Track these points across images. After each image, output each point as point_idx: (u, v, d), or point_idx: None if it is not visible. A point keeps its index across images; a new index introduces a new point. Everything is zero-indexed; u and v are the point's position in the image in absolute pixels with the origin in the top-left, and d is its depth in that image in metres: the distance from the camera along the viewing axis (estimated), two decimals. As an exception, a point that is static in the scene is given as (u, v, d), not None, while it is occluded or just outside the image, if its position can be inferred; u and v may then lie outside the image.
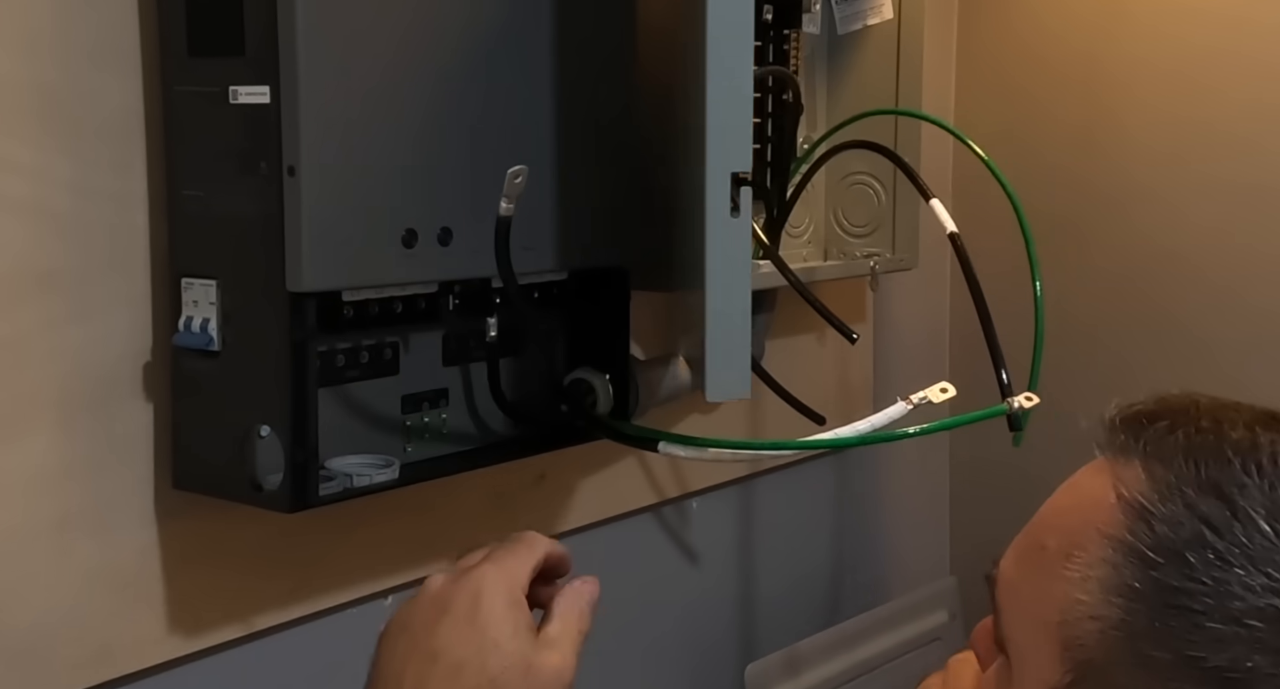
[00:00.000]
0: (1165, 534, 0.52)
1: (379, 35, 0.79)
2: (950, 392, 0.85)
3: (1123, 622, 0.53)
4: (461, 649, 0.64)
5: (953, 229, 0.96)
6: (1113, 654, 0.53)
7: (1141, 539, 0.53)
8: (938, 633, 1.51)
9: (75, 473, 0.80)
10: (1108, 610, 0.53)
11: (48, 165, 0.78)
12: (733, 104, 0.77)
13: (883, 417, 0.84)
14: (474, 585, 0.65)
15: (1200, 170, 1.38)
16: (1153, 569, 0.52)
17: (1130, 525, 0.53)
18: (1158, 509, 0.53)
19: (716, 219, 0.77)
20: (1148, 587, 0.52)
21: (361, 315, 0.82)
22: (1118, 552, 0.53)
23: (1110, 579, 0.53)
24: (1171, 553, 0.52)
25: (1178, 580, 0.52)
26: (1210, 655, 0.51)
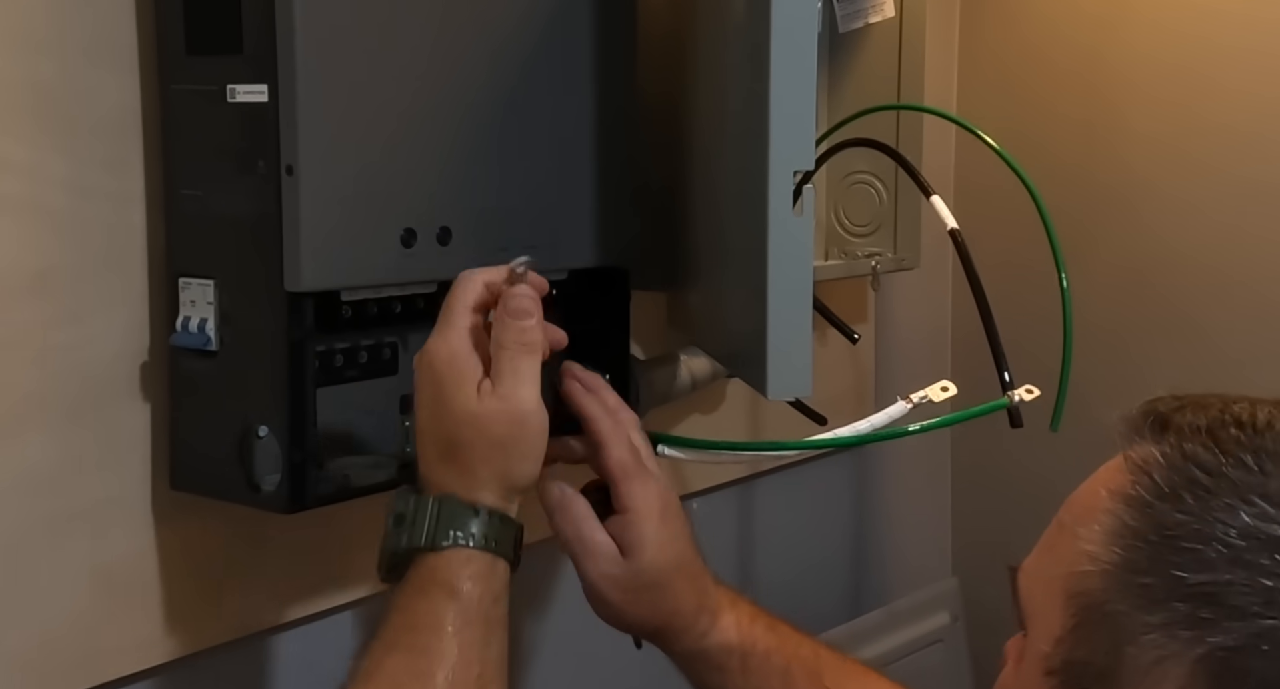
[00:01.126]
0: (1163, 478, 0.57)
1: (377, 34, 0.78)
2: (951, 390, 0.85)
3: (1120, 559, 0.57)
4: (426, 405, 0.72)
5: (953, 225, 0.96)
6: (1110, 591, 0.57)
7: (1143, 489, 0.57)
8: (940, 635, 1.51)
9: (71, 473, 0.80)
10: (1108, 553, 0.57)
11: (44, 164, 0.77)
12: (797, 100, 0.77)
13: (883, 416, 0.84)
14: (426, 344, 0.73)
15: (1206, 166, 1.38)
16: (1149, 509, 0.56)
17: (1135, 479, 0.58)
18: (1159, 463, 0.57)
19: (780, 217, 0.77)
20: (1143, 524, 0.56)
21: (360, 315, 0.82)
22: (1121, 502, 0.57)
23: (1113, 526, 0.57)
24: (1168, 494, 0.56)
25: (1170, 516, 0.56)
26: (1193, 574, 0.54)
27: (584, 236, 0.92)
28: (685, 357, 1.09)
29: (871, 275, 1.23)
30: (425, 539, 0.69)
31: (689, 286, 0.98)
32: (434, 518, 0.70)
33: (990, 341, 0.90)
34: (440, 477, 0.71)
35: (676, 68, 0.99)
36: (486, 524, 0.70)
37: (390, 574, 0.71)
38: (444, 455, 0.71)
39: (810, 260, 0.80)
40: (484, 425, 0.71)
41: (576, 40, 0.89)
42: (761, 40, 0.76)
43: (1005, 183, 1.05)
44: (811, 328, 0.81)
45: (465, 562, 0.69)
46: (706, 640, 0.82)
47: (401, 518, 0.71)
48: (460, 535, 0.69)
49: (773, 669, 0.83)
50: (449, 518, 0.70)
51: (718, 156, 0.89)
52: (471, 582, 0.69)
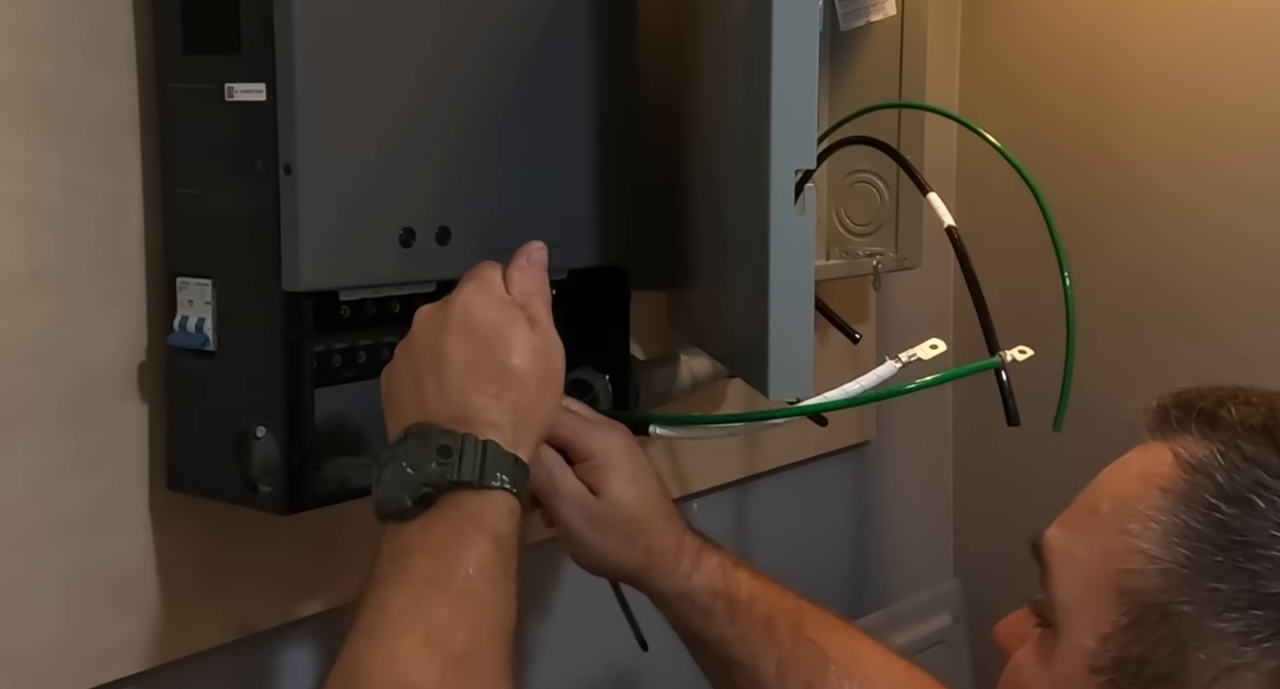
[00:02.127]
0: (1227, 482, 0.56)
1: (376, 33, 0.78)
2: (940, 347, 0.84)
3: (1187, 559, 0.56)
4: (469, 350, 0.69)
5: (950, 223, 0.95)
6: (1173, 591, 0.56)
7: (1205, 489, 0.56)
8: (941, 636, 1.50)
9: (68, 474, 0.80)
10: (1170, 553, 0.56)
11: (40, 162, 0.77)
12: (799, 99, 0.76)
13: (872, 377, 0.83)
14: (460, 300, 0.71)
15: (1210, 165, 1.38)
16: (1215, 512, 0.56)
17: (1191, 479, 0.57)
18: (1217, 463, 0.56)
19: (781, 216, 0.76)
20: (1210, 528, 0.56)
21: (359, 315, 0.81)
22: (1180, 502, 0.57)
23: (1173, 526, 0.56)
24: (1234, 497, 0.56)
25: (1240, 520, 0.55)
26: (1272, 583, 0.54)
27: (584, 236, 0.91)
28: (685, 357, 1.09)
29: (872, 275, 1.22)
30: (475, 475, 0.65)
31: (689, 286, 0.98)
32: (481, 459, 0.66)
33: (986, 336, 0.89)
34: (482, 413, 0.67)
35: (677, 66, 0.98)
36: (521, 474, 0.67)
37: (416, 506, 0.65)
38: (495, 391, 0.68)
39: (812, 260, 0.80)
40: (544, 356, 0.70)
41: (577, 39, 0.89)
42: (763, 38, 0.76)
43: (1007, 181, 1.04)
44: (813, 327, 0.80)
45: (507, 504, 0.66)
46: (691, 582, 0.82)
47: (448, 450, 0.65)
48: (506, 479, 0.66)
49: (757, 616, 0.83)
50: (496, 461, 0.66)
51: (718, 155, 0.88)
52: (511, 528, 0.66)
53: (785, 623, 0.83)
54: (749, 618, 0.83)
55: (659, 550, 0.81)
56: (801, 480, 1.38)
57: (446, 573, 0.63)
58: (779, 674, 0.82)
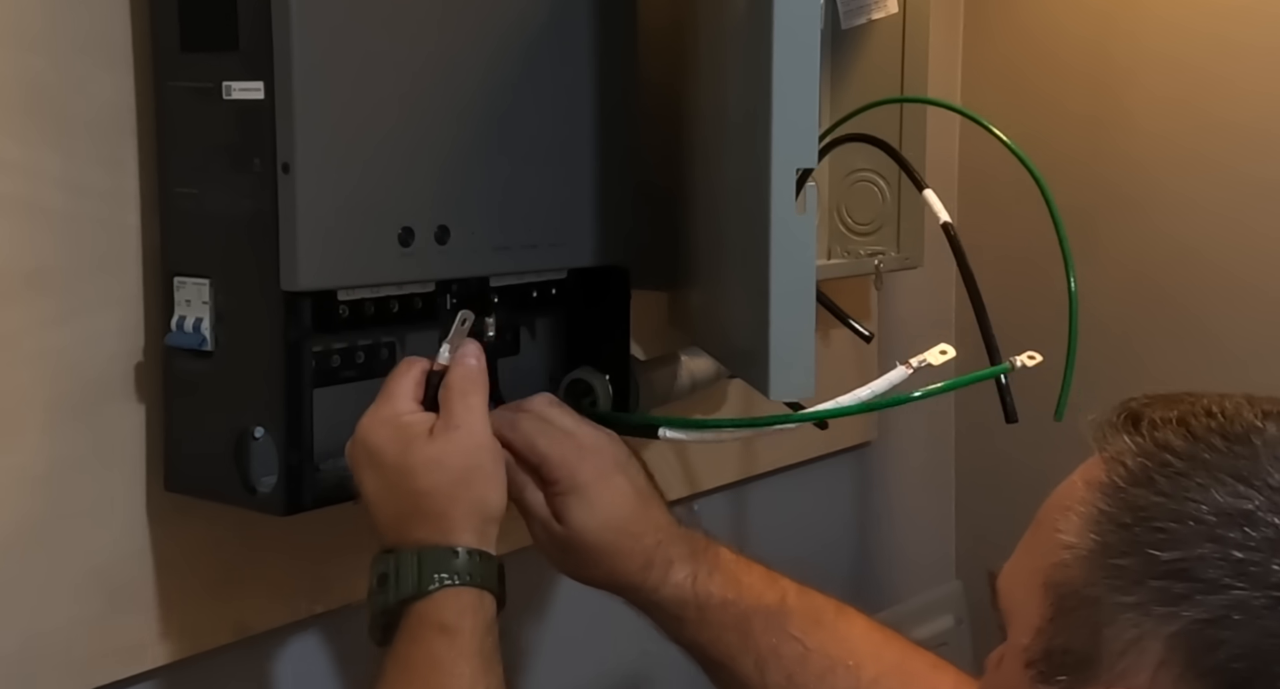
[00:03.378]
0: (1136, 466, 0.58)
1: (375, 31, 0.77)
2: (950, 353, 0.83)
3: (1095, 542, 0.58)
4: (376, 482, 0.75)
5: (946, 218, 0.95)
6: (1086, 575, 0.57)
7: (1118, 476, 0.58)
8: (944, 638, 1.50)
9: (65, 475, 0.79)
10: (1084, 541, 0.58)
11: (37, 161, 0.77)
12: (800, 97, 0.76)
13: (883, 382, 0.83)
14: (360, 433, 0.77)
15: (1213, 164, 1.37)
16: (1121, 494, 0.58)
17: (1110, 469, 0.59)
18: (1130, 450, 0.58)
19: (782, 215, 0.76)
20: (1117, 508, 0.57)
21: (357, 315, 0.81)
22: (1097, 491, 0.58)
23: (1089, 514, 0.58)
24: (1140, 478, 0.57)
25: (1143, 498, 0.57)
26: (1165, 551, 0.55)
27: (584, 236, 0.91)
28: (686, 357, 1.08)
29: (874, 274, 1.22)
30: (413, 588, 0.72)
31: (690, 286, 0.97)
32: (416, 568, 0.72)
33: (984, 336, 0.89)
34: (413, 533, 0.74)
35: (678, 64, 0.98)
36: (468, 562, 0.73)
37: (385, 635, 0.73)
38: (411, 512, 0.74)
39: (813, 259, 0.79)
40: (445, 461, 0.74)
41: (577, 37, 0.89)
42: (764, 36, 0.75)
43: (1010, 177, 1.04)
44: (814, 327, 0.80)
45: (453, 599, 0.72)
46: (659, 594, 0.84)
47: (385, 577, 0.73)
48: (445, 577, 0.72)
49: (729, 620, 0.84)
50: (431, 564, 0.72)
51: (719, 154, 0.88)
52: (461, 616, 0.72)
53: (763, 624, 0.84)
54: (721, 622, 0.84)
55: (622, 570, 0.83)
56: (803, 481, 1.37)
57: (402, 675, 0.71)
58: (758, 671, 0.84)
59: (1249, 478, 0.56)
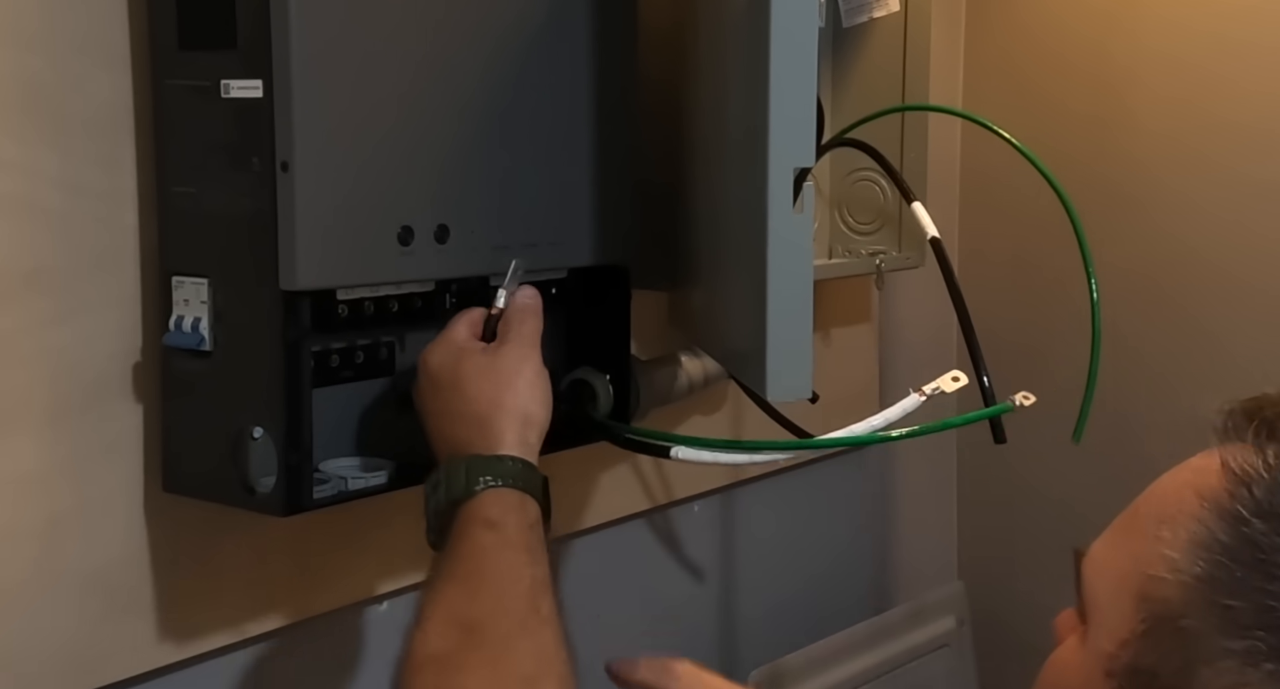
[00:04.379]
0: (1265, 498, 0.54)
1: (374, 29, 0.77)
2: (962, 380, 0.83)
3: (1205, 573, 0.55)
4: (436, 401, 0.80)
5: (934, 233, 0.94)
6: (1189, 604, 0.55)
7: (1242, 502, 0.55)
8: (945, 639, 1.49)
9: (62, 475, 0.79)
10: (1191, 565, 0.55)
11: (34, 161, 0.76)
12: (797, 97, 0.76)
13: (896, 410, 0.83)
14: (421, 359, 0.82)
15: (1215, 164, 1.36)
16: (1244, 526, 0.54)
17: (1232, 490, 0.55)
18: (1261, 477, 0.55)
19: (779, 215, 0.76)
20: (1235, 542, 0.54)
21: (356, 314, 0.81)
22: (1213, 512, 0.55)
23: (1201, 536, 0.55)
24: (1268, 514, 0.54)
25: (1267, 538, 0.54)
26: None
27: (584, 235, 0.91)
28: (686, 357, 1.08)
29: (876, 274, 1.21)
30: (461, 490, 0.76)
31: (690, 286, 0.97)
32: (464, 473, 0.76)
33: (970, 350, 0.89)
34: (463, 446, 0.78)
35: (678, 63, 0.97)
36: (511, 468, 0.77)
37: (439, 537, 0.77)
38: (460, 421, 0.78)
39: (810, 259, 0.79)
40: (491, 370, 0.79)
41: (577, 37, 0.88)
42: (761, 36, 0.75)
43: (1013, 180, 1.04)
44: (812, 328, 0.80)
45: (497, 498, 0.76)
46: None
47: (436, 483, 0.77)
48: (490, 479, 0.76)
49: None
50: (478, 468, 0.76)
51: (718, 153, 0.88)
52: (505, 513, 0.75)
53: None
54: None
55: None
56: (806, 482, 1.37)
57: (452, 563, 0.74)
58: None
59: None
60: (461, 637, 0.70)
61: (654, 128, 0.96)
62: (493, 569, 0.73)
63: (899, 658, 1.42)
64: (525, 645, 0.71)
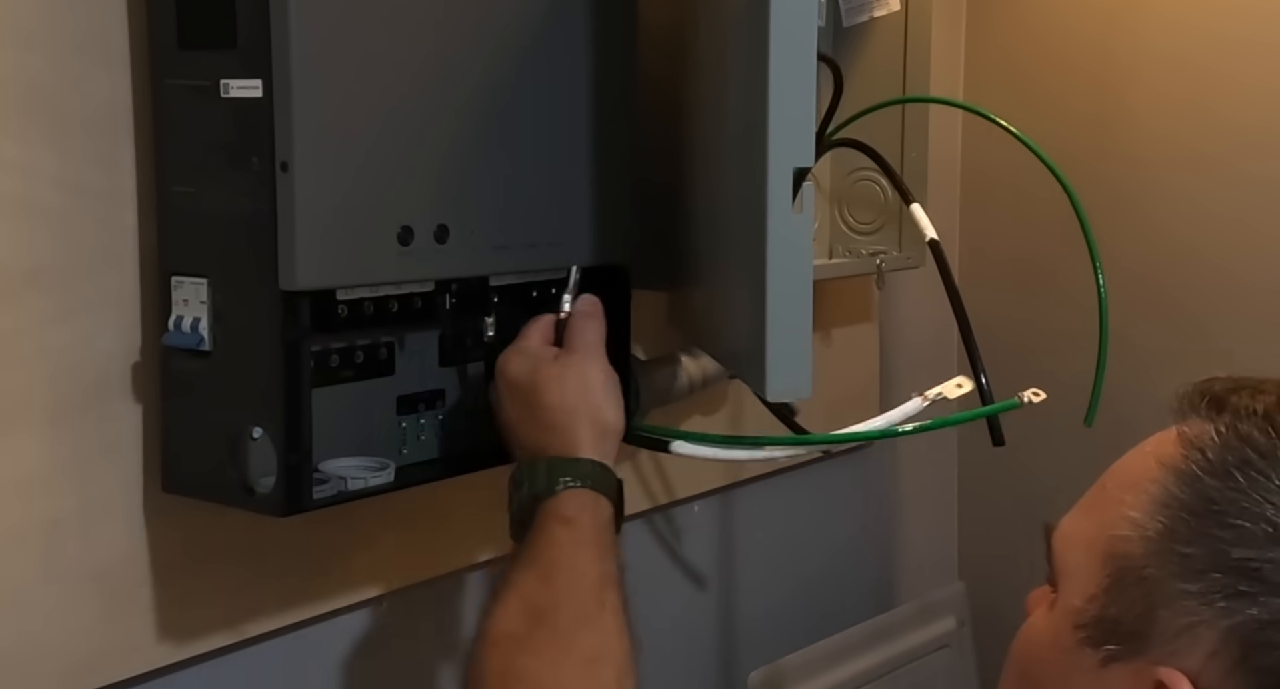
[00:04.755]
0: (1216, 458, 0.59)
1: (373, 28, 0.77)
2: (966, 387, 0.84)
3: (1165, 528, 0.59)
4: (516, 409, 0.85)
5: (932, 235, 0.94)
6: (1150, 555, 0.59)
7: (1196, 463, 0.59)
8: (946, 640, 1.49)
9: (61, 476, 0.79)
10: (1153, 521, 0.60)
11: (33, 160, 0.76)
12: (796, 96, 0.75)
13: (898, 413, 0.83)
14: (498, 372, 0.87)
15: (1216, 163, 1.36)
16: (1198, 483, 0.59)
17: (1186, 453, 0.60)
18: (1213, 440, 0.60)
19: (779, 215, 0.76)
20: (1191, 497, 0.59)
21: (356, 314, 0.80)
22: (1171, 474, 0.60)
23: (1160, 496, 0.60)
24: (1220, 471, 0.59)
25: (1219, 492, 0.58)
26: (1236, 550, 0.57)
27: (584, 235, 0.90)
28: (686, 357, 1.07)
29: (876, 274, 1.21)
30: (543, 488, 0.81)
31: (689, 286, 0.96)
32: (545, 473, 0.82)
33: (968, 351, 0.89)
34: (544, 448, 0.83)
35: (679, 62, 0.97)
36: (589, 469, 0.82)
37: (521, 530, 0.82)
38: (541, 427, 0.83)
39: (810, 258, 0.79)
40: (565, 378, 0.84)
41: (577, 36, 0.88)
42: (760, 34, 0.75)
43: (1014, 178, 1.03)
44: (811, 327, 0.80)
45: (574, 497, 0.81)
46: None
47: (519, 482, 0.82)
48: (569, 480, 0.81)
49: None
50: (559, 469, 0.82)
51: (716, 152, 0.87)
52: (580, 512, 0.80)
53: None
54: None
55: None
56: (807, 482, 1.37)
57: (530, 555, 0.79)
58: None
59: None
60: (531, 620, 0.76)
61: (655, 126, 0.96)
62: (565, 562, 0.78)
63: (900, 658, 1.42)
64: (588, 632, 0.76)
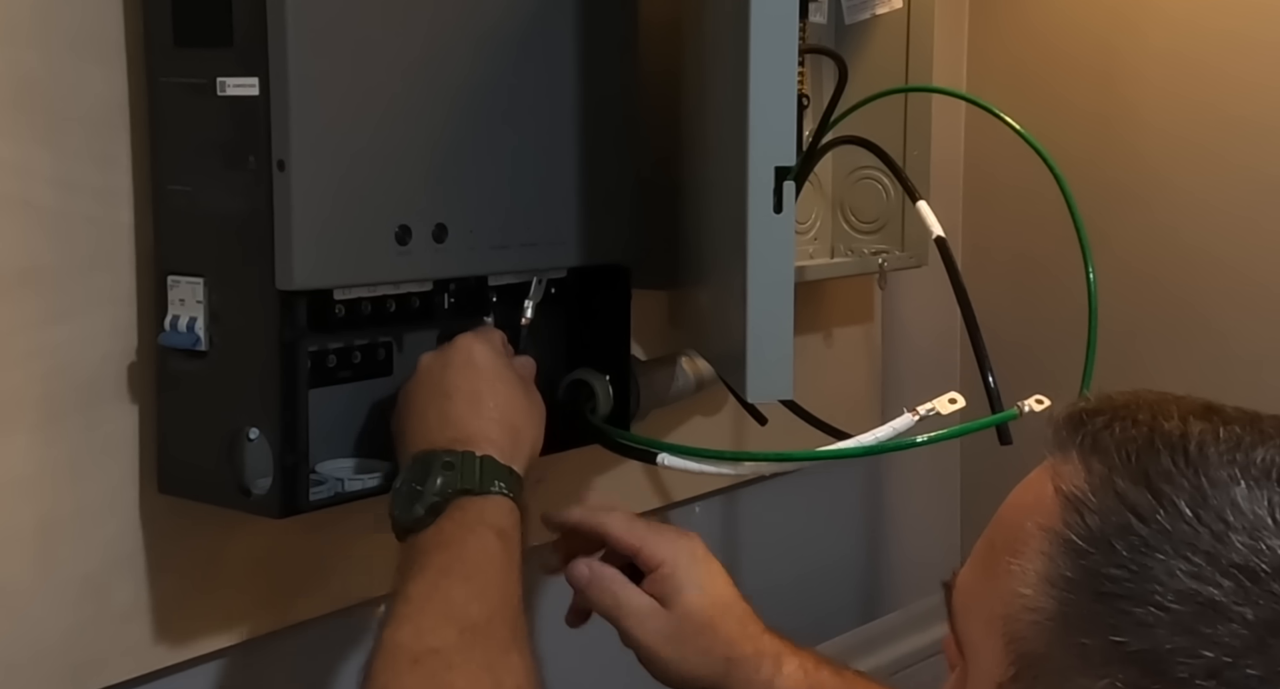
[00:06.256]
0: (1096, 524, 0.54)
1: (371, 26, 0.76)
2: (959, 402, 0.83)
3: (1058, 612, 0.54)
4: (471, 383, 0.79)
5: (939, 233, 0.94)
6: (1050, 645, 0.54)
7: (1075, 530, 0.54)
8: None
9: (56, 477, 0.78)
10: (1044, 602, 0.54)
11: (28, 158, 0.76)
12: (777, 94, 0.75)
13: (888, 429, 0.82)
14: (463, 343, 0.82)
15: (1221, 161, 1.36)
16: (1083, 558, 0.54)
17: (1065, 517, 0.55)
18: (1090, 501, 0.54)
19: (759, 215, 0.75)
20: (1079, 575, 0.54)
21: (354, 314, 0.80)
22: (1053, 544, 0.55)
23: (1046, 570, 0.55)
24: (1101, 542, 0.53)
25: (1105, 568, 0.53)
26: (1133, 640, 0.52)
27: (584, 234, 0.90)
28: (686, 357, 1.07)
29: (878, 273, 1.20)
30: (475, 483, 0.75)
31: (687, 286, 0.96)
32: (479, 469, 0.76)
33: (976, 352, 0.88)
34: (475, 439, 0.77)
35: (678, 59, 0.97)
36: (517, 485, 0.77)
37: (428, 514, 0.74)
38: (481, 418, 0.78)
39: (791, 259, 0.78)
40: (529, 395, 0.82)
41: (576, 34, 0.88)
42: (741, 32, 0.74)
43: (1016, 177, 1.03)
44: (793, 328, 0.79)
45: (508, 508, 0.76)
46: (774, 686, 0.82)
47: (451, 465, 0.76)
48: (502, 485, 0.76)
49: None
50: (492, 470, 0.76)
51: (707, 152, 0.87)
52: (514, 527, 0.75)
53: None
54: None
55: (738, 658, 0.82)
56: (807, 485, 1.36)
57: (458, 561, 0.72)
58: None
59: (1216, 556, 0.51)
60: (460, 637, 0.69)
61: (655, 125, 0.95)
62: (498, 578, 0.72)
63: (901, 661, 1.41)
64: (518, 659, 0.70)
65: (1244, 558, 0.51)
